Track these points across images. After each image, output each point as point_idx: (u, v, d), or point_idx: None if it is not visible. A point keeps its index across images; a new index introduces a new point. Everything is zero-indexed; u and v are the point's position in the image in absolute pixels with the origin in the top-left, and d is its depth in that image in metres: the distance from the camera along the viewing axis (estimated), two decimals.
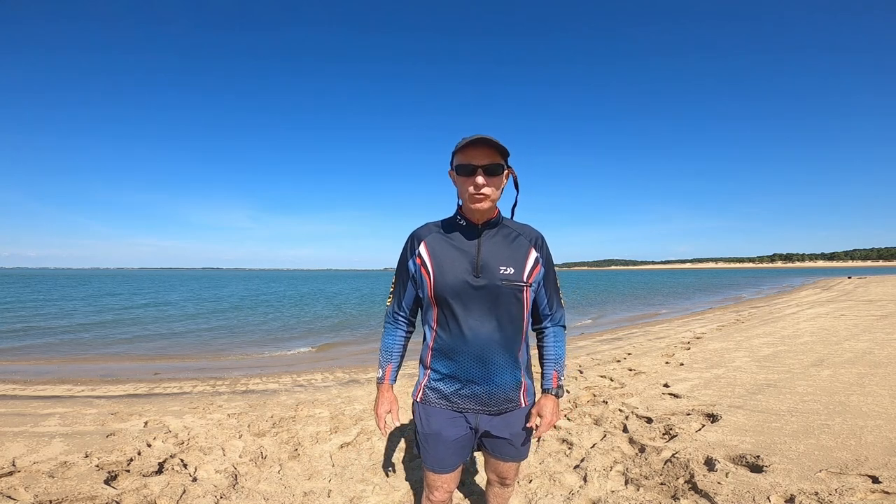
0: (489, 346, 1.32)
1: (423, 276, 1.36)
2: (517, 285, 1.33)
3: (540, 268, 1.39)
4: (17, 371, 6.74)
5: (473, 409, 1.36)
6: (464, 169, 1.27)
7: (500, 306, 1.32)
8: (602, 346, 7.36)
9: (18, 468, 2.64)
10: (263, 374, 6.21)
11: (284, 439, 3.13)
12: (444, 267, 1.33)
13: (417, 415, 1.43)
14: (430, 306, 1.37)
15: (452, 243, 1.36)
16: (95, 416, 3.80)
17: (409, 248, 1.42)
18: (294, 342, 10.04)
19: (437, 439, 1.37)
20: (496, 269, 1.31)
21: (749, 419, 3.16)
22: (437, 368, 1.38)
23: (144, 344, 9.81)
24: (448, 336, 1.34)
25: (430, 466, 1.41)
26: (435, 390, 1.39)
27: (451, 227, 1.40)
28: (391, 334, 1.50)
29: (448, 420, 1.37)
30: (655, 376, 4.68)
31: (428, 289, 1.35)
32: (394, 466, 2.67)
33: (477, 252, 1.33)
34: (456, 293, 1.30)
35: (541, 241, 1.42)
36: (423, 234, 1.41)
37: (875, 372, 4.41)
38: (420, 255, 1.38)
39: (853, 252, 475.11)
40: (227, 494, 2.34)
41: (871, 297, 14.48)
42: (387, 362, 1.49)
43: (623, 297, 24.10)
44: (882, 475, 2.21)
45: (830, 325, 8.21)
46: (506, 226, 1.41)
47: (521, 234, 1.40)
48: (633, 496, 2.20)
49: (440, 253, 1.35)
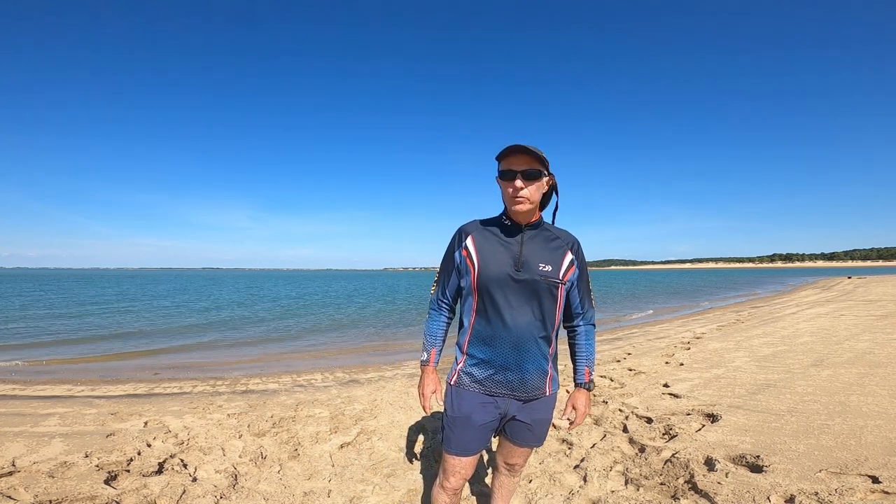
0: (525, 335, 1.42)
1: (468, 266, 1.47)
2: (553, 282, 1.44)
3: (574, 269, 1.50)
4: (17, 371, 6.74)
5: (505, 394, 1.45)
6: (505, 174, 1.39)
7: (536, 299, 1.42)
8: (602, 345, 7.36)
9: (18, 468, 2.64)
10: (263, 374, 6.21)
11: (284, 439, 3.13)
12: (489, 259, 1.43)
13: (449, 398, 1.51)
14: (470, 295, 1.47)
15: (498, 239, 1.47)
16: (95, 416, 3.79)
17: (457, 240, 1.53)
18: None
19: (465, 423, 1.45)
20: (536, 265, 1.42)
21: (749, 419, 3.16)
22: (474, 353, 1.47)
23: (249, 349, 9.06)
24: (487, 324, 1.44)
25: (453, 450, 1.48)
26: (469, 374, 1.47)
27: (497, 225, 1.51)
28: (435, 320, 1.60)
29: (479, 404, 1.45)
30: (655, 376, 4.68)
31: (472, 278, 1.45)
32: (394, 466, 2.67)
33: (519, 248, 1.44)
34: (498, 284, 1.41)
35: (577, 246, 1.53)
36: (471, 228, 1.53)
37: (875, 372, 4.41)
38: (466, 248, 1.49)
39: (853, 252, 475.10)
40: (227, 494, 2.34)
41: (871, 297, 14.48)
42: (431, 346, 1.59)
43: (623, 297, 24.11)
44: (882, 475, 2.21)
45: (830, 325, 8.21)
46: (546, 229, 1.52)
47: (559, 238, 1.52)
48: (633, 496, 2.20)
49: (486, 246, 1.46)
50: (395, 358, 7.46)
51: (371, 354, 8.25)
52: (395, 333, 10.80)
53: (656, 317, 13.50)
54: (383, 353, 8.33)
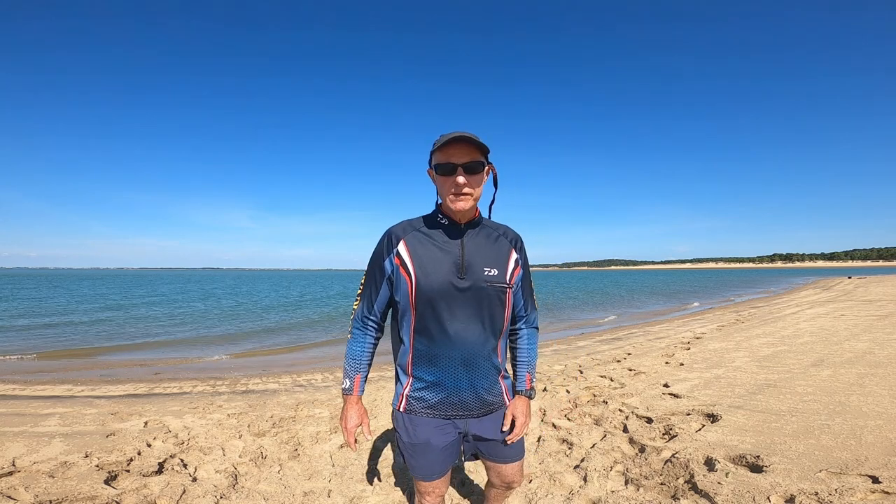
0: (475, 350, 1.27)
1: (403, 277, 1.27)
2: (501, 287, 1.30)
3: (520, 269, 1.37)
4: (18, 371, 6.74)
5: (461, 414, 1.32)
6: (443, 168, 1.22)
7: (484, 308, 1.28)
8: (602, 346, 7.36)
9: (18, 468, 2.64)
10: (263, 374, 6.21)
11: (284, 439, 3.13)
12: (428, 268, 1.25)
13: (402, 424, 1.35)
14: (407, 310, 1.28)
15: (434, 242, 1.29)
16: (95, 416, 3.80)
17: (386, 246, 1.32)
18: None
19: (425, 449, 1.32)
20: (481, 269, 1.27)
21: (749, 419, 3.16)
22: (421, 376, 1.31)
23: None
24: (430, 341, 1.27)
25: (419, 475, 1.36)
26: (420, 399, 1.32)
27: (432, 226, 1.32)
28: (360, 341, 1.39)
29: (436, 428, 1.32)
30: (655, 376, 4.68)
31: (409, 291, 1.26)
32: (393, 467, 2.67)
33: (461, 252, 1.27)
34: (440, 295, 1.24)
35: (520, 243, 1.40)
36: (402, 232, 1.32)
37: (875, 372, 4.41)
38: (399, 255, 1.28)
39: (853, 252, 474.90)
40: (227, 494, 2.34)
41: (871, 297, 14.47)
42: (355, 371, 1.38)
43: (623, 297, 24.10)
44: (882, 475, 2.21)
45: (830, 325, 8.21)
46: (486, 225, 1.37)
47: (502, 235, 1.37)
48: (633, 496, 2.20)
49: (422, 253, 1.27)
50: None
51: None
52: None
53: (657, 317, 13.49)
54: (383, 353, 8.30)
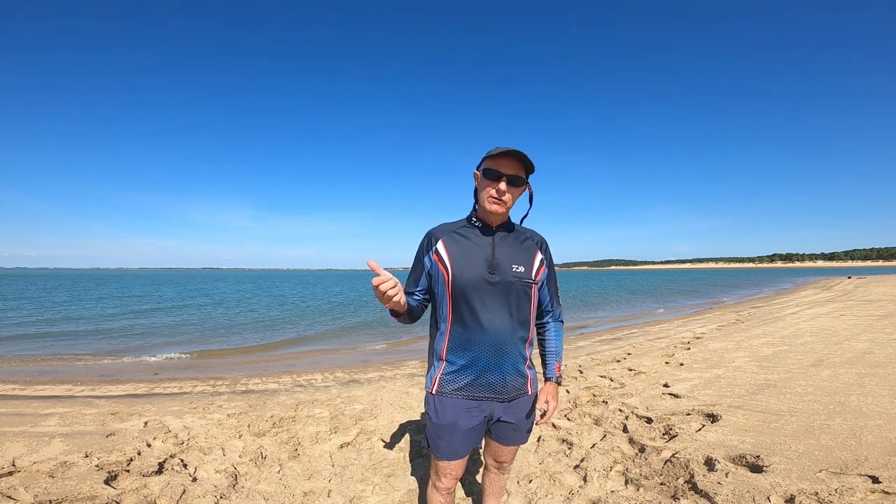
0: (504, 337, 1.42)
1: (441, 271, 1.45)
2: (527, 282, 1.46)
3: (545, 268, 1.54)
4: (17, 371, 6.74)
5: (489, 397, 1.45)
6: (491, 173, 1.39)
7: (512, 300, 1.43)
8: (602, 346, 7.36)
9: (18, 468, 2.64)
10: (264, 374, 6.21)
11: (284, 439, 3.13)
12: (462, 263, 1.42)
13: (432, 406, 1.48)
14: (444, 300, 1.45)
15: (469, 242, 1.47)
16: (95, 416, 3.80)
17: (426, 244, 1.51)
18: None
19: (451, 430, 1.44)
20: (509, 266, 1.43)
21: (749, 419, 3.16)
22: (453, 360, 1.45)
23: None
24: (464, 328, 1.43)
25: (442, 456, 1.47)
26: (451, 381, 1.45)
27: (467, 228, 1.51)
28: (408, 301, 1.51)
29: (464, 410, 1.44)
30: (655, 376, 4.68)
31: (446, 283, 1.43)
32: (394, 466, 2.67)
33: (492, 250, 1.44)
34: (474, 287, 1.40)
35: (545, 246, 1.58)
36: (440, 232, 1.51)
37: (875, 372, 4.41)
38: (437, 252, 1.47)
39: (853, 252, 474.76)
40: (227, 494, 2.34)
41: (871, 297, 14.47)
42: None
43: (623, 297, 24.09)
44: (882, 475, 2.21)
45: (830, 325, 8.20)
46: (515, 229, 1.55)
47: (529, 238, 1.55)
48: (633, 496, 2.20)
49: (457, 250, 1.45)
50: (396, 357, 7.45)
51: (371, 354, 8.25)
52: (396, 333, 10.81)
53: (656, 317, 13.49)
54: (383, 353, 8.33)
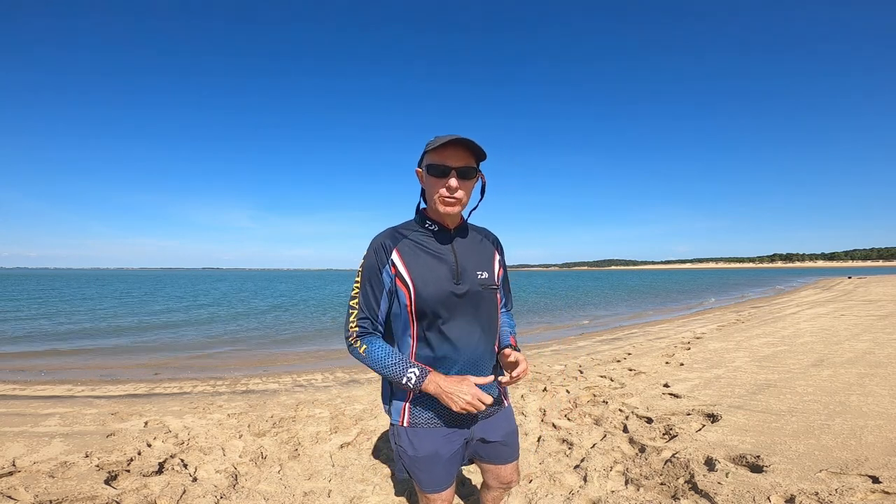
0: (478, 353, 1.28)
1: (400, 287, 1.23)
2: (493, 289, 1.33)
3: (502, 269, 1.43)
4: (17, 371, 6.74)
5: (468, 420, 1.32)
6: (436, 169, 1.20)
7: (482, 311, 1.29)
8: (602, 346, 7.36)
9: (18, 468, 2.64)
10: (264, 374, 6.21)
11: (284, 439, 3.13)
12: (425, 276, 1.22)
13: (405, 440, 1.29)
14: (407, 321, 1.25)
15: (427, 250, 1.27)
16: (95, 416, 3.80)
17: (378, 257, 1.26)
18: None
19: (432, 460, 1.27)
20: (474, 273, 1.28)
21: (749, 419, 3.16)
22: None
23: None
24: (433, 351, 1.24)
25: (429, 489, 1.30)
26: (424, 411, 1.28)
27: (421, 233, 1.30)
28: (378, 343, 1.26)
29: (443, 438, 1.29)
30: (655, 376, 4.68)
31: (408, 303, 1.23)
32: (394, 467, 2.67)
33: (454, 258, 1.27)
34: (441, 303, 1.21)
35: (499, 243, 1.46)
36: (392, 241, 1.27)
37: (875, 372, 4.41)
38: (394, 265, 1.24)
39: (853, 252, 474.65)
40: (227, 494, 2.34)
41: (871, 297, 14.47)
42: (406, 364, 1.22)
43: (623, 297, 24.09)
44: (882, 475, 2.21)
45: (830, 325, 8.20)
46: (470, 229, 1.40)
47: (485, 237, 1.42)
48: (633, 496, 2.20)
49: (417, 262, 1.24)
50: None
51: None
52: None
53: (656, 317, 13.49)
54: None
